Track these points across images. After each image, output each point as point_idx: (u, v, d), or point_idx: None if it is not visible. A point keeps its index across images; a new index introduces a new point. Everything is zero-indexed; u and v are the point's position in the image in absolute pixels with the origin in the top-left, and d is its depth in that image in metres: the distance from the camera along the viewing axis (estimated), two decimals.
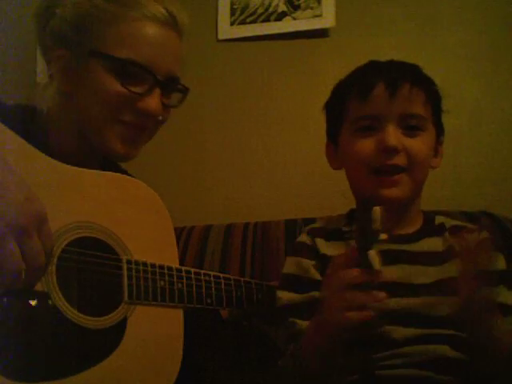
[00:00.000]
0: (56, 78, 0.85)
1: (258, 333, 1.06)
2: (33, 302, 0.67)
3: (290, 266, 0.92)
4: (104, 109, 0.83)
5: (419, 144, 0.85)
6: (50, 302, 0.69)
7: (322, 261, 0.88)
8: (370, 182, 0.86)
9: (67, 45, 0.83)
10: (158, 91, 0.85)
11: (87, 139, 0.87)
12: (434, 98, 0.89)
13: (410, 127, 0.85)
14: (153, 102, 0.85)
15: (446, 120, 0.93)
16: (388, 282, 0.76)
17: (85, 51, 0.82)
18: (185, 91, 0.93)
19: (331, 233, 0.92)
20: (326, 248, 0.89)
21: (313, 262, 0.89)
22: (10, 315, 0.64)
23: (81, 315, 0.72)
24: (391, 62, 0.91)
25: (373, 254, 0.67)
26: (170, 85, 0.89)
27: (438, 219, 0.93)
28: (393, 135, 0.83)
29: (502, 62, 1.44)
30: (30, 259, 0.62)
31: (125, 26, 0.82)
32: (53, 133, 0.89)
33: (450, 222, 0.92)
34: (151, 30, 0.83)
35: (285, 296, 0.88)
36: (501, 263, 0.86)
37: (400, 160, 0.84)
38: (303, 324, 0.83)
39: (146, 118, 0.86)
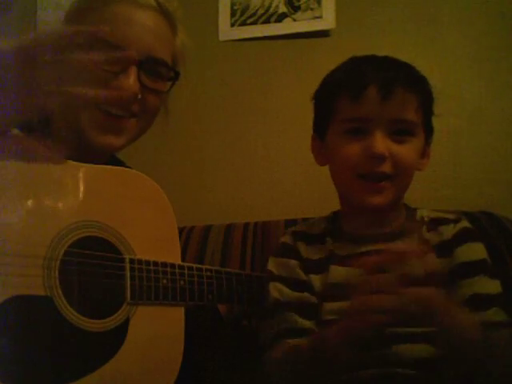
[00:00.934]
0: None
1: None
2: None
3: (277, 267, 0.91)
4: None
5: (407, 151, 0.84)
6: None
7: (305, 263, 0.89)
8: (355, 186, 0.85)
9: None
10: (133, 70, 0.83)
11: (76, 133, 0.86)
12: (426, 102, 0.87)
13: (400, 132, 0.84)
14: (127, 80, 0.82)
15: (446, 120, 0.93)
16: None
17: None
18: (175, 77, 0.91)
19: (311, 237, 0.92)
20: (306, 252, 0.90)
21: (297, 263, 0.89)
22: (11, 320, 0.64)
23: (83, 318, 0.71)
24: (386, 60, 0.88)
25: None
26: (152, 65, 0.86)
27: (420, 213, 0.91)
28: (380, 142, 0.82)
29: (502, 61, 1.44)
30: None
31: (104, 9, 0.83)
32: (56, 131, 0.88)
33: (429, 216, 0.90)
34: (130, 11, 0.84)
35: (277, 291, 0.88)
36: (480, 253, 0.85)
37: (386, 167, 0.83)
38: (301, 321, 0.83)
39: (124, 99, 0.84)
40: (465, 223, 0.89)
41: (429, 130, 0.90)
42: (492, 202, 1.33)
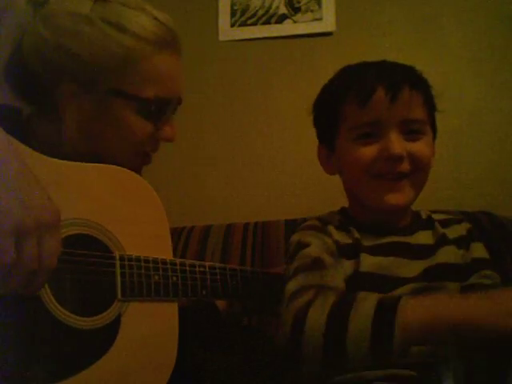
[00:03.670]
0: (65, 111, 0.82)
1: (258, 333, 1.06)
2: None
3: (312, 238, 0.84)
4: (127, 144, 0.85)
5: (423, 147, 0.83)
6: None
7: (337, 245, 0.84)
8: (372, 186, 0.84)
9: (79, 81, 0.81)
10: (172, 118, 0.88)
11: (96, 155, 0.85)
12: (429, 98, 0.87)
13: (411, 131, 0.84)
14: (171, 129, 0.88)
15: (446, 120, 0.93)
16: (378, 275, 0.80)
17: (102, 89, 0.81)
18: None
19: (335, 224, 0.89)
20: (337, 235, 0.86)
21: (332, 242, 0.84)
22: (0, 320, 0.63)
23: (73, 316, 0.70)
24: (386, 64, 0.88)
25: None
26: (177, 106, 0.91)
27: (424, 213, 0.93)
28: (396, 142, 0.81)
29: (502, 62, 1.45)
30: (45, 259, 0.60)
31: (143, 63, 0.82)
32: (70, 139, 0.85)
33: (436, 216, 0.92)
34: (165, 62, 0.84)
35: (318, 251, 0.82)
36: (485, 252, 0.88)
37: (404, 167, 0.82)
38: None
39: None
40: (468, 224, 0.91)
41: (434, 128, 0.90)
42: (492, 202, 1.34)
